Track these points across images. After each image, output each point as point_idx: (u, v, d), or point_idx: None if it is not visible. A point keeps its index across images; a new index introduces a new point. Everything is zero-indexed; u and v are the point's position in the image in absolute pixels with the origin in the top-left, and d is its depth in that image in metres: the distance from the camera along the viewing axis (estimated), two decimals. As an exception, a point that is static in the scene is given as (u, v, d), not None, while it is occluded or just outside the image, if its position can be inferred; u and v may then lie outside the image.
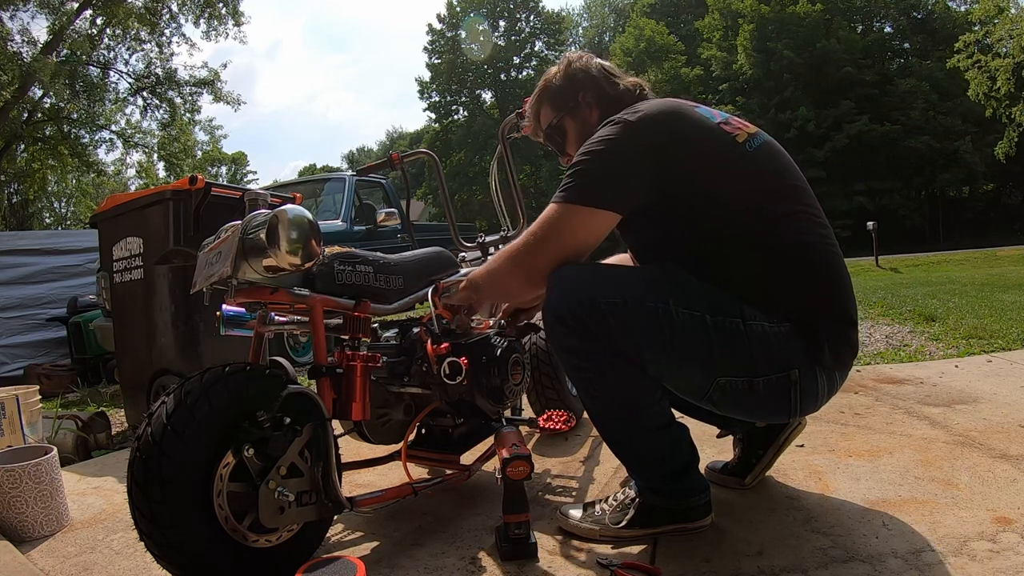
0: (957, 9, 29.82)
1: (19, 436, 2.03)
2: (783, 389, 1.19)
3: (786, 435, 1.50)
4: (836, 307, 1.23)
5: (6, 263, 5.48)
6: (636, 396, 1.24)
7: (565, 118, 1.45)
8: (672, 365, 1.20)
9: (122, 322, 2.73)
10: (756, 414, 1.32)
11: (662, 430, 1.28)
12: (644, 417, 1.26)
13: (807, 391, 1.21)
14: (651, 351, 1.18)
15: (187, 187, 2.37)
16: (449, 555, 1.30)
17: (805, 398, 1.21)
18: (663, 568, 1.18)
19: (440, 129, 35.68)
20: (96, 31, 15.00)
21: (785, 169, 1.27)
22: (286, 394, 1.17)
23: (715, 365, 1.18)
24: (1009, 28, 16.72)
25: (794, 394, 1.20)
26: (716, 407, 1.25)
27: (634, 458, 1.33)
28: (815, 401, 1.24)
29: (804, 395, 1.21)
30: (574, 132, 1.44)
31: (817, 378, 1.21)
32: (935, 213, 29.08)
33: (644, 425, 1.27)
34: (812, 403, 1.24)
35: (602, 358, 1.21)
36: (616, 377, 1.22)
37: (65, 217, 23.28)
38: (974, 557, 1.14)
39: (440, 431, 1.67)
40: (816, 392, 1.22)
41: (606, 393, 1.25)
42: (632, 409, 1.25)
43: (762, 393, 1.19)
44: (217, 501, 1.10)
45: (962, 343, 3.24)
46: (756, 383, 1.18)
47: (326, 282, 1.33)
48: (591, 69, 1.43)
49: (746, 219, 1.21)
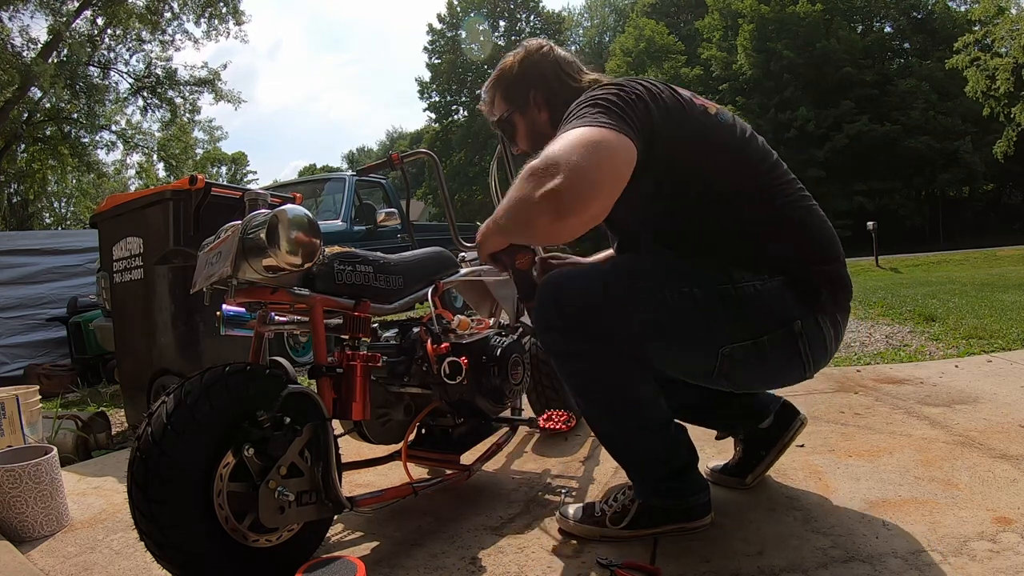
0: (957, 9, 29.81)
1: (19, 436, 2.03)
2: (790, 343, 1.18)
3: (789, 435, 1.50)
4: (822, 250, 1.22)
5: (6, 263, 5.47)
6: (633, 397, 1.24)
7: (515, 114, 1.43)
8: (675, 349, 1.19)
9: (122, 322, 2.73)
10: (772, 378, 1.30)
11: (660, 430, 1.28)
12: (641, 418, 1.26)
13: (814, 340, 1.19)
14: (652, 341, 1.18)
15: (187, 187, 2.37)
16: (449, 555, 1.30)
17: (814, 348, 1.20)
18: (663, 568, 1.18)
19: (440, 129, 35.68)
20: (96, 31, 15.00)
21: (752, 135, 1.27)
22: (286, 394, 1.17)
23: (716, 336, 1.17)
24: (1009, 28, 16.72)
25: (802, 346, 1.18)
26: (731, 382, 1.23)
27: (633, 460, 1.33)
28: (824, 350, 1.23)
29: (812, 345, 1.19)
30: (524, 129, 1.43)
31: (821, 325, 1.19)
32: (935, 213, 29.07)
33: (642, 426, 1.27)
34: (822, 353, 1.23)
35: (596, 361, 1.21)
36: (612, 379, 1.22)
37: (65, 217, 23.27)
38: (974, 557, 1.14)
39: (440, 431, 1.67)
40: (823, 339, 1.21)
41: (602, 396, 1.25)
42: (629, 411, 1.25)
43: (770, 353, 1.18)
44: (217, 501, 1.10)
45: (962, 343, 3.24)
46: (762, 344, 1.17)
47: (326, 282, 1.33)
48: (545, 67, 1.37)
49: (726, 182, 1.20)
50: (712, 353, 1.18)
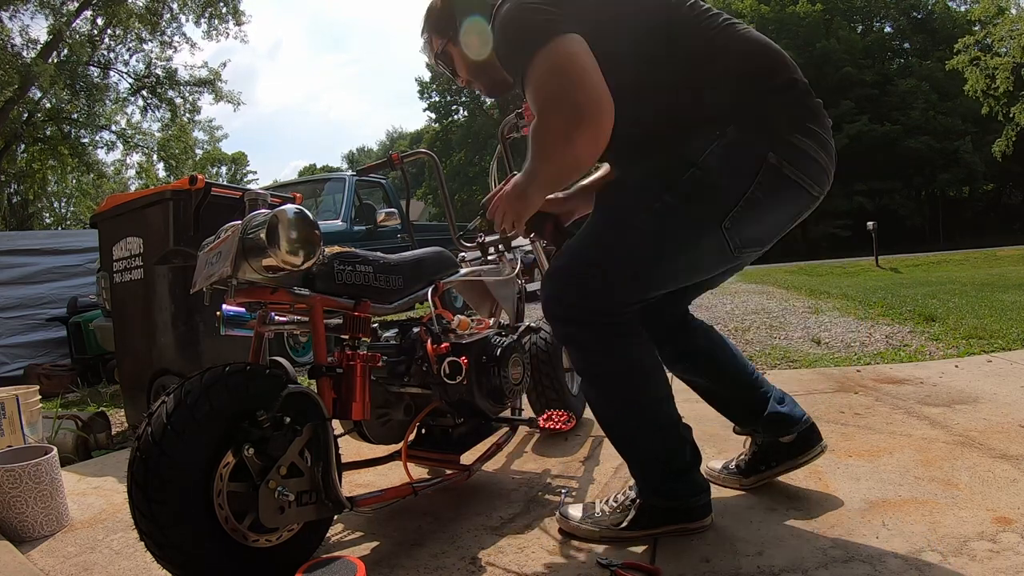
0: (957, 9, 29.82)
1: (19, 436, 2.03)
2: (776, 178, 1.14)
3: (807, 457, 1.46)
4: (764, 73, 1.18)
5: (6, 263, 5.47)
6: (648, 392, 1.25)
7: (448, 44, 1.42)
8: (685, 257, 1.20)
9: (122, 322, 2.73)
10: (786, 215, 1.23)
11: (670, 428, 1.29)
12: (653, 414, 1.27)
13: (797, 160, 1.15)
14: (663, 270, 1.19)
15: (187, 187, 2.37)
16: (449, 555, 1.30)
17: (802, 167, 1.15)
18: (663, 568, 1.18)
19: (440, 129, 35.69)
20: (96, 31, 15.00)
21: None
22: (286, 394, 1.17)
23: (709, 221, 1.16)
24: (1009, 28, 16.73)
25: (789, 172, 1.14)
26: (754, 243, 1.21)
27: (639, 456, 1.32)
28: (814, 161, 1.17)
29: (798, 165, 1.15)
30: (459, 57, 1.42)
31: (796, 143, 1.15)
32: (935, 213, 29.09)
33: (652, 422, 1.27)
34: (814, 165, 1.17)
35: (614, 352, 1.22)
36: (629, 374, 1.23)
37: (65, 217, 23.26)
38: (974, 557, 1.14)
39: (440, 431, 1.67)
40: (806, 154, 1.16)
41: (615, 389, 1.26)
42: (642, 406, 1.26)
43: (766, 199, 1.15)
44: (217, 501, 1.10)
45: (962, 343, 3.23)
46: (753, 198, 1.14)
47: (326, 282, 1.33)
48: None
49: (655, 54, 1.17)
50: (717, 234, 1.16)
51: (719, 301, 6.54)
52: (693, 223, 1.17)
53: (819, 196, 1.22)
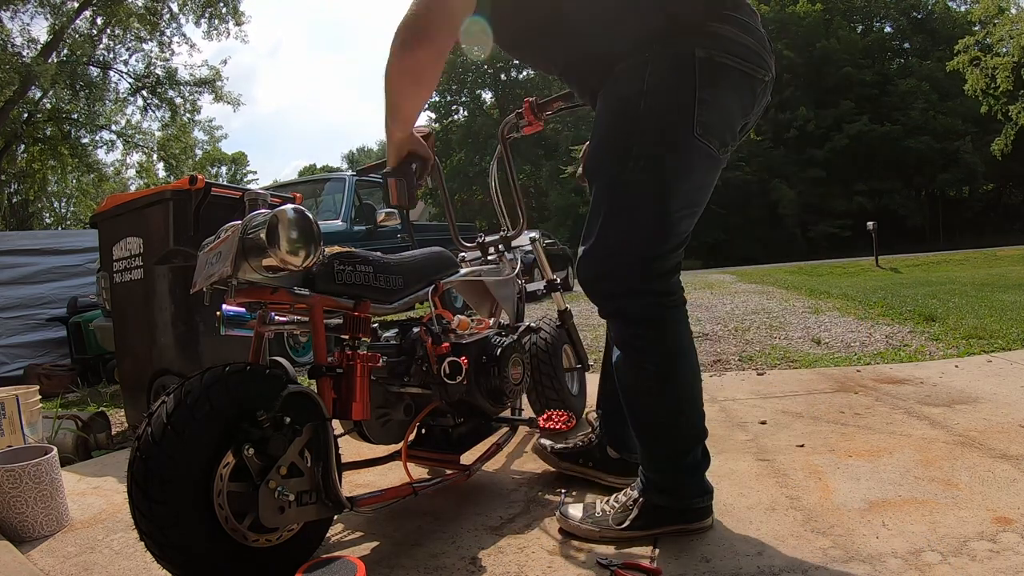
0: (957, 9, 29.83)
1: (19, 436, 2.03)
2: (713, 67, 1.15)
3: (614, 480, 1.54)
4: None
5: (6, 263, 5.47)
6: (686, 370, 1.27)
7: None
8: (687, 184, 1.20)
9: (122, 322, 2.73)
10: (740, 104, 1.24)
11: (696, 415, 1.29)
12: (687, 394, 1.27)
13: (725, 46, 1.15)
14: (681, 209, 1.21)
15: (187, 187, 2.37)
16: (449, 555, 1.30)
17: (735, 52, 1.16)
18: (663, 568, 1.18)
19: (440, 129, 35.67)
20: (96, 31, 15.00)
21: None
22: (286, 394, 1.17)
23: (684, 137, 1.16)
24: (1009, 28, 16.74)
25: (723, 59, 1.15)
26: (729, 140, 1.23)
27: (661, 440, 1.30)
28: (747, 50, 1.18)
29: (730, 50, 1.16)
30: None
31: (718, 33, 1.16)
32: (935, 213, 29.10)
33: (685, 402, 1.27)
34: (747, 52, 1.18)
35: (660, 322, 1.24)
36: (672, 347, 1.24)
37: (65, 217, 23.27)
38: (974, 557, 1.14)
39: (440, 431, 1.67)
40: (733, 41, 1.16)
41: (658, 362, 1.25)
42: (679, 384, 1.26)
43: (716, 89, 1.16)
44: (217, 501, 1.10)
45: (962, 343, 3.24)
46: (704, 95, 1.15)
47: (326, 282, 1.33)
48: None
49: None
50: (696, 145, 1.17)
51: (719, 301, 6.54)
52: (672, 148, 1.18)
53: (764, 78, 1.23)
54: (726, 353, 3.51)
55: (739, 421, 2.09)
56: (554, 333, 2.10)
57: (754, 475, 1.61)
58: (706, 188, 1.27)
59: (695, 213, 1.26)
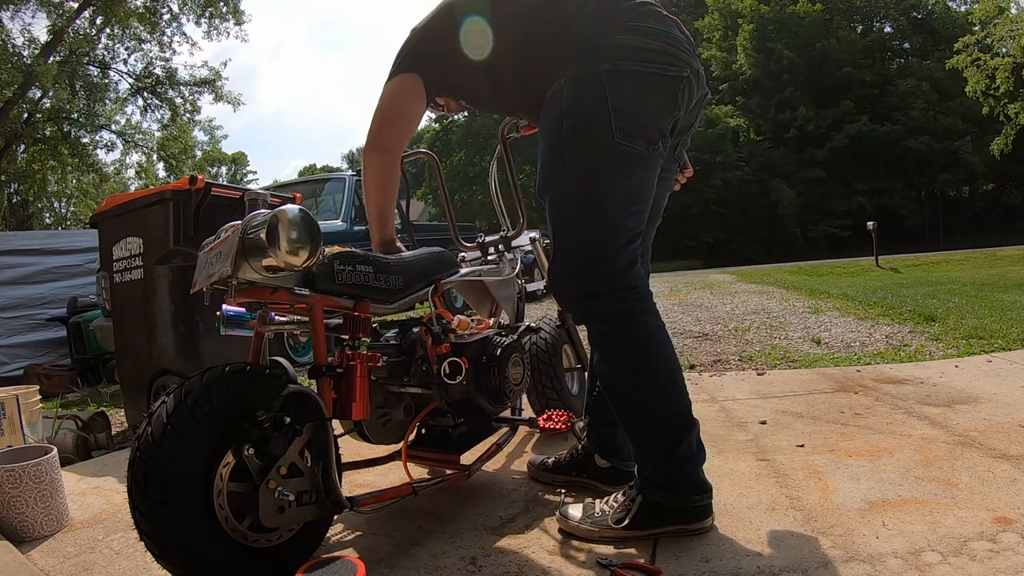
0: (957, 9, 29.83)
1: (19, 436, 2.03)
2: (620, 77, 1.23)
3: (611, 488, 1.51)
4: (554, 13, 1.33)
5: (6, 263, 5.47)
6: (663, 361, 1.29)
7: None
8: (624, 187, 1.28)
9: (122, 322, 2.73)
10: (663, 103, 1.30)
11: (682, 405, 1.30)
12: (668, 385, 1.29)
13: (630, 55, 1.24)
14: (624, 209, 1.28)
15: (187, 187, 2.37)
16: (449, 555, 1.30)
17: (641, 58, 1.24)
18: (663, 568, 1.18)
19: (440, 129, 35.68)
20: (96, 31, 15.00)
21: None
22: (286, 394, 1.17)
23: (607, 145, 1.24)
24: (1009, 28, 16.75)
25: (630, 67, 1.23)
26: (655, 137, 1.28)
27: (649, 434, 1.31)
28: (654, 52, 1.25)
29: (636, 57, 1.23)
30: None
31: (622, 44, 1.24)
32: (935, 213, 29.10)
33: (667, 394, 1.29)
34: (655, 55, 1.25)
35: (630, 318, 1.28)
36: (646, 341, 1.28)
37: (65, 217, 23.27)
38: (974, 557, 1.14)
39: (440, 431, 1.67)
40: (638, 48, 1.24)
41: (635, 358, 1.29)
42: (658, 374, 1.29)
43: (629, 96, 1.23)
44: (217, 501, 1.10)
45: (962, 343, 3.24)
46: (617, 103, 1.23)
47: (326, 282, 1.33)
48: None
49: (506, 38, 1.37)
50: (621, 149, 1.24)
51: (719, 301, 6.54)
52: (598, 157, 1.26)
53: (680, 74, 1.29)
54: (726, 353, 3.51)
55: (739, 421, 2.09)
56: (554, 333, 2.10)
57: (754, 475, 1.61)
58: (646, 184, 1.32)
59: (642, 210, 1.32)
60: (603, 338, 1.33)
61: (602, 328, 1.33)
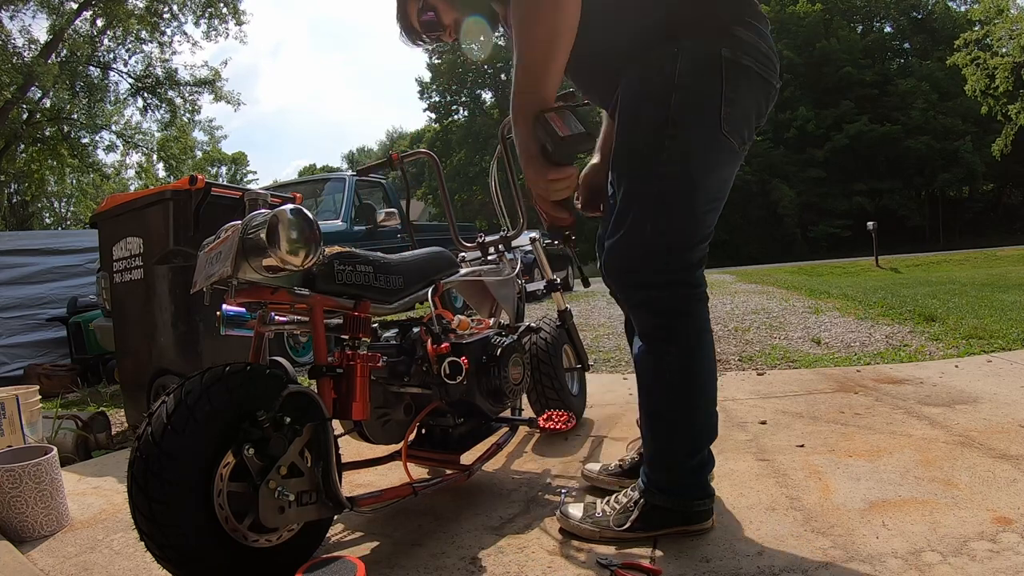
0: (957, 9, 29.82)
1: (19, 436, 2.03)
2: (737, 68, 1.17)
3: None
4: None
5: (6, 263, 5.47)
6: (706, 367, 1.27)
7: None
8: (715, 177, 1.22)
9: (122, 322, 2.73)
10: (756, 106, 1.26)
11: (710, 413, 1.30)
12: (705, 390, 1.28)
13: (747, 49, 1.18)
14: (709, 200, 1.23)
15: (187, 187, 2.37)
16: (449, 555, 1.30)
17: (755, 56, 1.19)
18: (663, 568, 1.18)
19: (440, 129, 35.71)
20: (96, 31, 15.00)
21: None
22: (286, 394, 1.17)
23: (712, 132, 1.19)
24: (1009, 28, 16.75)
25: (746, 61, 1.17)
26: (748, 139, 1.26)
27: (672, 438, 1.29)
28: (763, 55, 1.20)
29: (751, 54, 1.18)
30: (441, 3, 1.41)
31: (741, 37, 1.18)
32: (935, 213, 29.09)
33: (701, 398, 1.28)
34: (763, 58, 1.20)
35: (688, 314, 1.25)
36: (697, 342, 1.25)
37: (65, 217, 23.29)
38: (974, 557, 1.14)
39: (440, 431, 1.67)
40: (752, 46, 1.19)
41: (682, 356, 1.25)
42: (700, 376, 1.27)
43: (739, 89, 1.18)
44: (217, 501, 1.10)
45: (962, 343, 3.24)
46: (729, 94, 1.17)
47: (326, 282, 1.33)
48: None
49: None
50: (723, 142, 1.20)
51: (719, 301, 6.54)
52: (703, 142, 1.20)
53: (776, 84, 1.26)
54: (726, 353, 3.51)
55: (739, 421, 2.09)
56: (554, 333, 2.10)
57: (754, 475, 1.61)
58: (728, 182, 1.29)
59: (718, 208, 1.28)
60: (658, 331, 1.27)
61: (660, 322, 1.26)
